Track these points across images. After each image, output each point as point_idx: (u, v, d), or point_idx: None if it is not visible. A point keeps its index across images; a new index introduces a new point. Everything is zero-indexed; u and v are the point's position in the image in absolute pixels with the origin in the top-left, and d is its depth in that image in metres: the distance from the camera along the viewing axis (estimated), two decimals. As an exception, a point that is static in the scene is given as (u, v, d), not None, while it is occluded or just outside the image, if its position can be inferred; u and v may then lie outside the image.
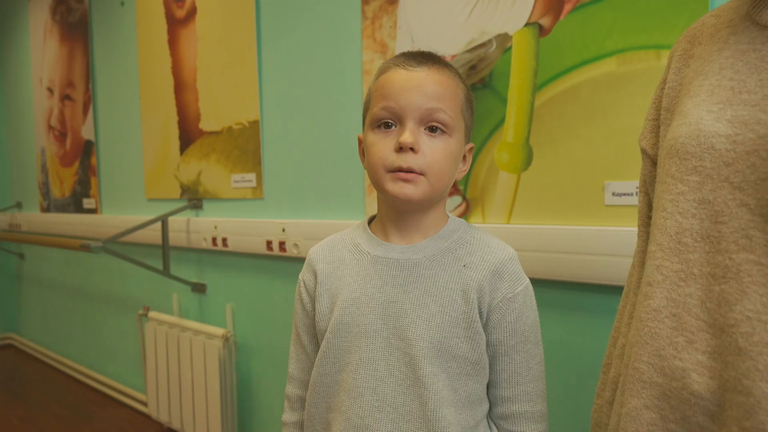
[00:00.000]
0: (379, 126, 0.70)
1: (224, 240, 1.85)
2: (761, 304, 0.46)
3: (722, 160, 0.50)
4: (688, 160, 0.53)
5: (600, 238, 1.00)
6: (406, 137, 0.66)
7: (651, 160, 0.64)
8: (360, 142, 0.78)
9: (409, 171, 0.67)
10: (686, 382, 0.50)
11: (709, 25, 0.60)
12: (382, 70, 0.73)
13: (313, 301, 0.78)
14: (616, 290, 1.00)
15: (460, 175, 0.76)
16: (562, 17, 1.06)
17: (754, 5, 0.54)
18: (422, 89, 0.68)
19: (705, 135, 0.52)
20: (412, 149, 0.67)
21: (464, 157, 0.77)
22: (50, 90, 2.90)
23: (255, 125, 1.76)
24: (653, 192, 0.63)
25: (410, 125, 0.68)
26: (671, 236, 0.53)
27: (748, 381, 0.45)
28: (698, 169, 0.52)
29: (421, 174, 0.68)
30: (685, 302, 0.51)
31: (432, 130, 0.69)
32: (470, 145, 0.77)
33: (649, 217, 0.65)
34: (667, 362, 0.51)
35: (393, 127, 0.70)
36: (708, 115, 0.52)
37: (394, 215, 0.75)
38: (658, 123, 0.63)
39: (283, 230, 1.64)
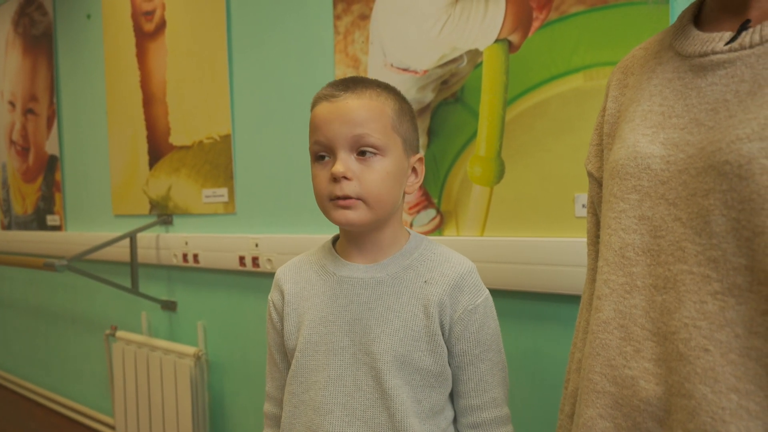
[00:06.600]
0: (316, 159, 0.73)
1: (195, 256, 1.81)
2: (695, 311, 0.49)
3: (658, 179, 0.54)
4: (628, 180, 0.56)
5: (571, 250, 1.02)
6: (337, 167, 0.69)
7: (597, 182, 0.68)
8: None
9: (346, 198, 0.70)
10: (635, 389, 0.52)
11: (638, 56, 0.65)
12: (312, 105, 0.76)
13: (281, 320, 0.80)
14: (588, 300, 1.01)
15: (410, 188, 0.77)
16: (530, 34, 1.09)
17: (675, 37, 0.59)
18: (345, 118, 0.70)
19: (642, 156, 0.56)
20: (345, 177, 0.69)
21: (414, 169, 0.78)
22: (12, 104, 2.82)
23: (226, 139, 1.74)
24: (600, 212, 0.67)
25: (341, 155, 0.70)
26: (615, 251, 0.57)
27: (690, 384, 0.48)
28: (637, 188, 0.56)
29: (359, 199, 0.70)
30: (631, 313, 0.54)
31: (362, 154, 0.71)
32: (419, 155, 0.78)
33: (598, 236, 0.69)
34: (618, 371, 0.54)
35: (327, 158, 0.72)
36: (643, 138, 0.56)
37: (352, 236, 0.77)
38: (601, 148, 0.68)
39: (256, 245, 1.61)
